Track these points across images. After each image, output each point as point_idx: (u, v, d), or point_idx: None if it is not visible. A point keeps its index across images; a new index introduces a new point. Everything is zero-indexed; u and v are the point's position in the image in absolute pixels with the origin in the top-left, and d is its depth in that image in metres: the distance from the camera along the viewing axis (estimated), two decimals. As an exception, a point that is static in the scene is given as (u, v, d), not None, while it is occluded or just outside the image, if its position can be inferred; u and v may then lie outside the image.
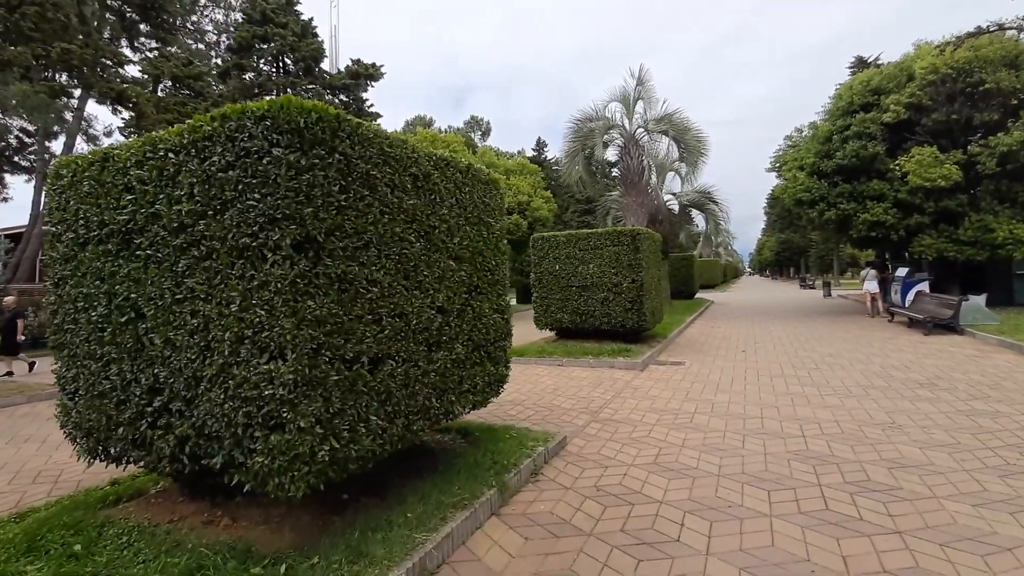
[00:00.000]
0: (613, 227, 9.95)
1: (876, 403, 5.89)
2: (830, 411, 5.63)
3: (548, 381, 7.75)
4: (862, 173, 14.21)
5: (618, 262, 9.75)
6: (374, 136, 2.97)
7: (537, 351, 9.60)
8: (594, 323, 10.01)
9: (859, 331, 12.26)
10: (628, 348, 9.39)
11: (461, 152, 20.60)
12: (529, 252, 10.75)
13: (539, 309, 10.61)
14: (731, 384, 7.12)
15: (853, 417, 5.38)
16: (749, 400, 6.23)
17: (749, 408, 5.87)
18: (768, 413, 5.65)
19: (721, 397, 6.41)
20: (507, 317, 4.64)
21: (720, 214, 19.11)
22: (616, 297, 9.76)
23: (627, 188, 15.61)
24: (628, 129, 15.72)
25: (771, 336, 12.06)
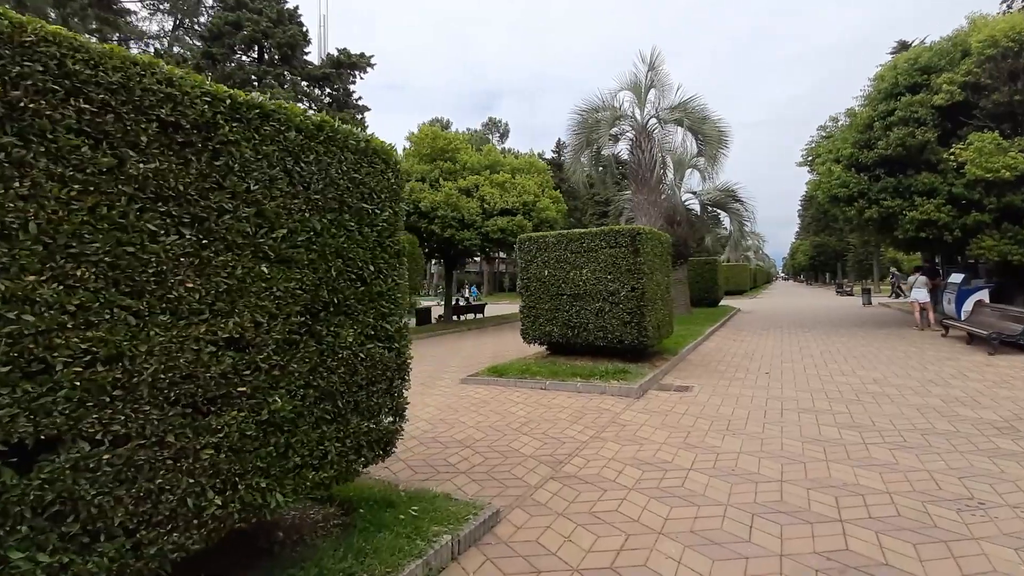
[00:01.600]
0: (610, 226, 8.49)
1: (943, 460, 4.32)
2: (878, 473, 4.09)
3: (520, 412, 6.38)
4: (909, 165, 12.36)
5: (615, 267, 8.31)
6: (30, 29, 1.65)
7: (520, 370, 8.23)
8: (587, 338, 8.58)
9: (907, 348, 10.46)
10: (626, 369, 7.93)
11: (464, 149, 19.42)
12: (515, 255, 9.40)
13: (527, 320, 9.23)
14: (746, 422, 5.60)
15: (913, 486, 3.84)
16: (767, 449, 4.72)
17: (766, 464, 4.37)
18: (791, 474, 4.15)
19: (730, 444, 4.92)
20: (401, 346, 3.31)
21: (745, 214, 17.39)
22: (612, 308, 8.31)
23: (638, 185, 14.10)
24: (639, 120, 14.23)
25: (802, 353, 10.37)
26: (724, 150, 13.82)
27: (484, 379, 8.14)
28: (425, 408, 6.70)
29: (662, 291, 9.12)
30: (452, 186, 17.62)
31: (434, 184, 18.11)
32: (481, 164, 19.12)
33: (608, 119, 13.56)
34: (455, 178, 18.40)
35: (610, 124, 13.59)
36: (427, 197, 17.21)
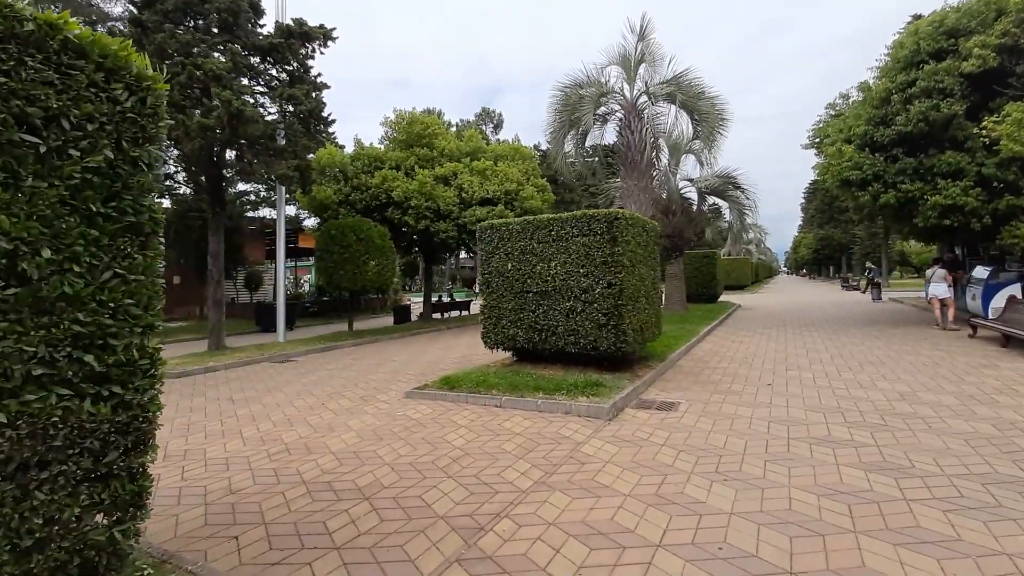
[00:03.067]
0: (583, 211, 7.14)
1: (1020, 526, 2.99)
2: (935, 560, 2.75)
3: (459, 440, 5.06)
4: (931, 143, 10.96)
5: (589, 259, 6.97)
6: None
7: (475, 382, 6.91)
8: (557, 343, 7.25)
9: (932, 352, 9.10)
10: (600, 381, 6.59)
11: (442, 135, 18.04)
12: (476, 245, 8.07)
13: (488, 322, 7.91)
14: (741, 460, 4.27)
15: (995, 587, 2.51)
16: (771, 509, 3.39)
17: (768, 539, 3.04)
18: (806, 559, 2.81)
19: (719, 498, 3.59)
20: (134, 391, 1.97)
21: (746, 203, 15.99)
22: (585, 308, 6.98)
23: (626, 169, 12.73)
24: (628, 97, 12.84)
25: (810, 357, 9.03)
26: (722, 130, 12.44)
27: (432, 393, 6.82)
28: (345, 434, 5.40)
29: (647, 287, 7.79)
30: (428, 174, 16.27)
31: (409, 172, 16.78)
32: (461, 151, 17.76)
33: (593, 96, 12.18)
34: (432, 165, 17.06)
35: (595, 101, 12.21)
36: (400, 186, 15.87)
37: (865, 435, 4.75)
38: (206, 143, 9.78)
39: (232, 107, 9.18)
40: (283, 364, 10.82)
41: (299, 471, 4.39)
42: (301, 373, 9.46)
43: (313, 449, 4.95)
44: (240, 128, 9.53)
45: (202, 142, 9.60)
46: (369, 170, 16.62)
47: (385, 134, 18.56)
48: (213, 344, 11.85)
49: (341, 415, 6.23)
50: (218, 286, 12.00)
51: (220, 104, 9.25)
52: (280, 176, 10.80)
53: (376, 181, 16.08)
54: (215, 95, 9.33)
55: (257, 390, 8.01)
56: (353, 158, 16.92)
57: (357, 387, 7.93)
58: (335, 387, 7.98)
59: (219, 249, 12.11)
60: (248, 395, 7.65)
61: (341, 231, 14.16)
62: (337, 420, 5.98)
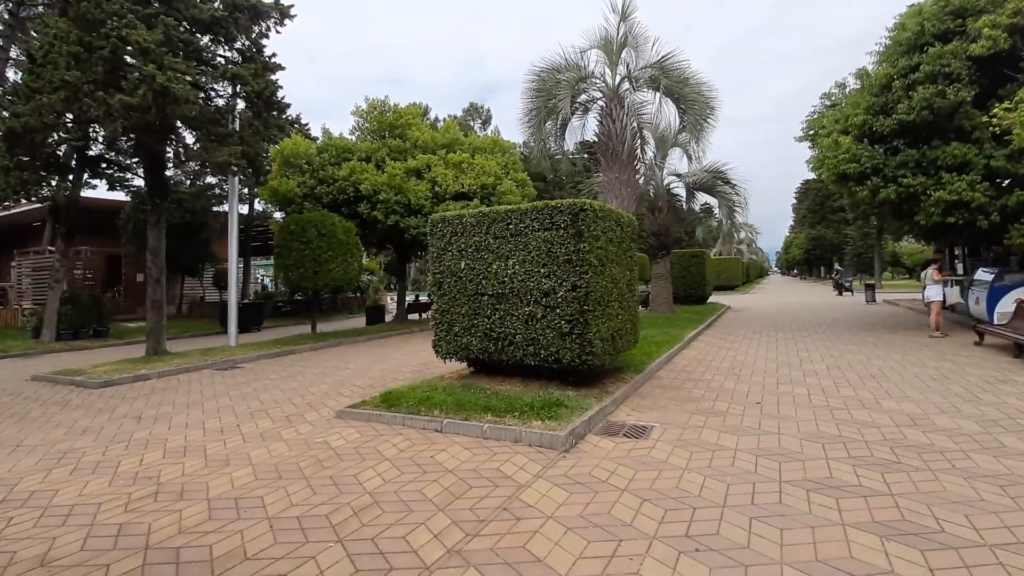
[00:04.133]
0: (545, 201, 6.18)
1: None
2: None
3: (374, 481, 4.08)
4: (935, 133, 10.10)
5: (550, 256, 6.00)
6: None
7: (419, 399, 5.91)
8: (514, 354, 6.28)
9: (938, 362, 8.23)
10: (561, 400, 5.63)
11: (416, 125, 16.99)
12: (429, 241, 7.08)
13: (439, 329, 6.92)
14: (720, 518, 3.31)
15: None
16: (755, 603, 2.44)
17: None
18: None
19: (686, 582, 2.63)
20: None
21: (736, 198, 15.09)
22: (546, 313, 6.01)
23: (607, 161, 11.78)
24: (610, 83, 11.88)
25: (803, 368, 8.13)
26: (710, 120, 11.52)
27: (367, 413, 5.83)
28: (239, 470, 4.39)
29: (621, 290, 6.83)
30: (399, 166, 15.24)
31: (380, 164, 15.74)
32: (437, 143, 16.73)
33: (571, 81, 11.21)
34: (405, 157, 16.03)
35: (573, 86, 11.23)
36: (369, 179, 14.83)
37: (874, 477, 3.82)
38: (131, 125, 8.70)
39: (156, 83, 8.12)
40: (226, 372, 9.78)
41: (150, 529, 3.39)
42: (238, 383, 8.45)
43: (188, 493, 3.95)
44: (168, 108, 8.47)
45: (125, 123, 8.53)
46: (337, 162, 15.57)
47: (356, 124, 17.50)
48: (151, 349, 10.77)
49: (251, 441, 5.23)
50: (157, 285, 10.93)
51: (143, 80, 8.19)
52: (220, 164, 9.75)
53: (344, 173, 15.03)
54: (139, 70, 8.27)
55: (175, 405, 6.98)
56: (320, 149, 15.86)
57: (290, 402, 6.93)
58: (265, 402, 6.97)
59: (159, 245, 11.04)
60: (161, 412, 6.63)
61: (301, 226, 13.12)
62: (242, 449, 4.98)
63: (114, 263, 23.02)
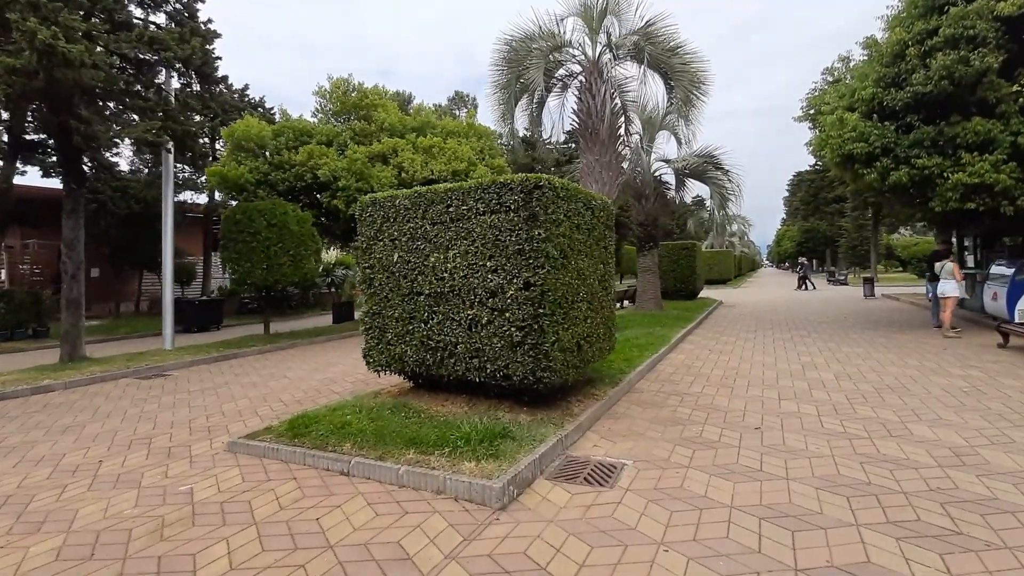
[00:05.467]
0: (492, 177, 4.93)
1: None
2: None
3: (219, 563, 2.85)
4: (955, 107, 8.94)
5: (498, 247, 4.77)
6: None
7: (332, 428, 4.67)
8: (455, 368, 5.05)
9: (964, 368, 7.10)
10: (508, 429, 4.41)
11: (382, 106, 15.62)
12: (359, 228, 5.81)
13: (370, 335, 5.68)
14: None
15: None
16: None
17: None
18: None
19: None
20: None
21: (728, 186, 13.90)
22: (494, 318, 4.78)
23: (586, 141, 10.53)
24: (590, 55, 10.61)
25: (808, 377, 6.96)
26: (700, 95, 10.29)
27: (264, 445, 4.58)
28: (41, 543, 3.16)
29: (591, 287, 5.61)
30: (362, 151, 13.91)
31: (343, 148, 14.39)
32: (406, 125, 15.40)
33: (544, 49, 9.93)
34: (370, 141, 14.69)
35: (546, 55, 9.95)
36: (327, 163, 13.49)
37: (932, 563, 2.63)
38: (18, 93, 7.34)
39: (39, 41, 6.76)
40: (146, 381, 8.50)
41: None
42: (149, 397, 7.18)
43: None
44: (58, 72, 7.11)
45: (8, 90, 7.16)
46: (295, 146, 14.20)
47: (319, 106, 16.13)
48: (66, 354, 9.45)
49: (98, 488, 3.98)
50: (73, 282, 9.58)
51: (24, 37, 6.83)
52: (138, 141, 8.39)
53: (301, 158, 13.67)
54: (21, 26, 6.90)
55: (50, 430, 5.71)
56: (276, 131, 14.47)
57: (189, 425, 5.68)
58: (160, 425, 5.72)
59: (76, 236, 9.67)
60: (29, 438, 5.36)
61: (248, 215, 11.78)
62: (75, 503, 3.73)
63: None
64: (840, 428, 4.78)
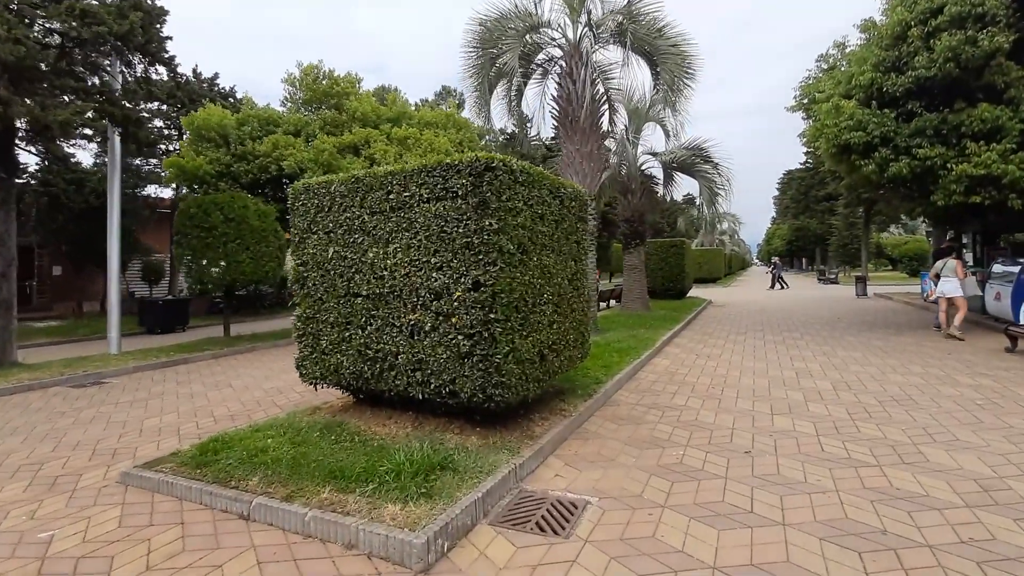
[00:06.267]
0: (440, 159, 4.17)
1: None
2: None
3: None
4: (960, 93, 8.34)
5: (444, 240, 4.03)
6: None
7: (246, 455, 3.92)
8: (396, 382, 4.32)
9: (973, 377, 6.47)
10: (451, 458, 3.68)
11: (354, 94, 14.82)
12: (291, 219, 5.05)
13: (304, 342, 4.92)
14: None
15: None
16: None
17: None
18: None
19: None
20: None
21: (717, 179, 13.25)
22: (439, 323, 4.05)
23: (566, 130, 9.82)
24: (571, 37, 9.89)
25: (804, 387, 6.30)
26: (688, 81, 9.62)
27: (159, 478, 3.81)
28: None
29: (559, 288, 4.89)
30: (332, 141, 13.11)
31: (312, 138, 13.58)
32: (380, 116, 14.61)
33: (520, 29, 9.19)
34: (341, 131, 13.89)
35: (522, 36, 9.21)
36: (294, 155, 12.67)
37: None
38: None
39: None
40: (77, 391, 7.68)
41: None
42: (71, 410, 6.39)
43: None
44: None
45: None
46: (260, 135, 13.38)
47: (289, 94, 15.29)
48: (-6, 360, 8.60)
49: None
50: (3, 280, 8.72)
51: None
52: (63, 124, 7.56)
53: (265, 148, 12.86)
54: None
55: (-69, 453, 4.90)
56: (241, 121, 13.63)
57: (96, 446, 4.91)
58: (61, 446, 4.94)
59: (7, 230, 8.81)
60: None
61: (203, 209, 10.93)
62: None
63: (25, 255, 20.46)
64: (843, 452, 4.10)
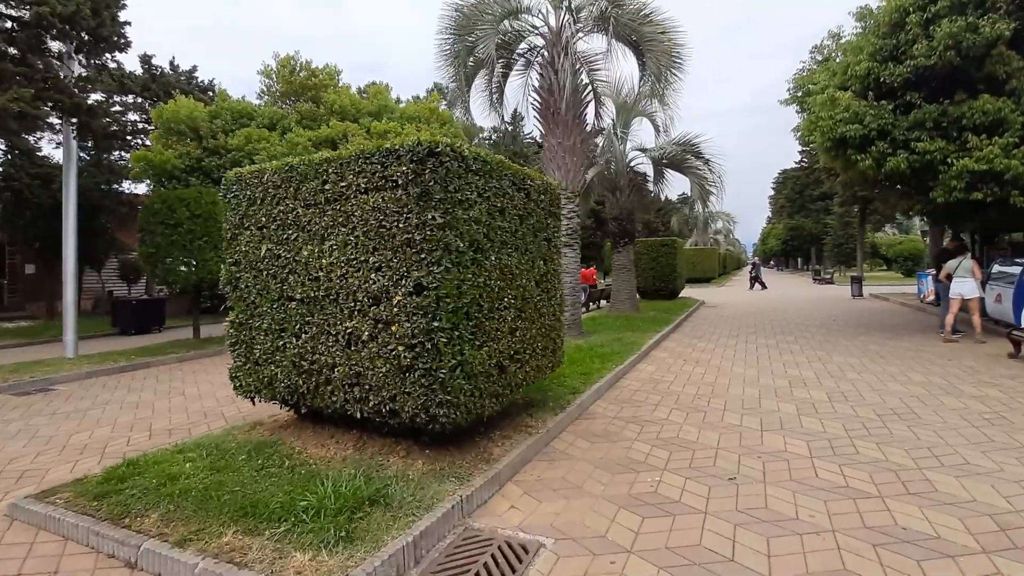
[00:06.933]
0: (379, 143, 3.65)
1: None
2: None
3: None
4: (961, 84, 7.90)
5: (382, 235, 3.51)
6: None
7: (148, 486, 3.40)
8: (333, 398, 3.79)
9: (978, 387, 6.01)
10: (385, 489, 3.17)
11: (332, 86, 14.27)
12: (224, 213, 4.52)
13: (237, 350, 4.39)
14: None
15: None
16: None
17: None
18: None
19: None
20: None
21: (709, 176, 12.77)
22: (377, 332, 3.53)
23: (547, 123, 9.32)
24: (553, 25, 9.38)
25: (797, 397, 5.81)
26: (676, 72, 9.13)
27: (49, 512, 3.27)
28: None
29: (523, 291, 4.38)
30: (307, 135, 12.56)
31: (287, 132, 13.03)
32: (360, 109, 14.07)
33: (497, 15, 8.67)
34: (318, 125, 13.34)
35: (499, 21, 8.69)
36: (266, 149, 12.11)
37: None
38: None
39: None
40: (18, 399, 7.13)
41: None
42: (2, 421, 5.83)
43: None
44: None
45: None
46: (232, 129, 12.81)
47: (265, 87, 14.72)
48: (-69, 366, 8.01)
49: None
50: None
51: None
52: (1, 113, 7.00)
53: (237, 142, 12.29)
54: None
55: None
56: (213, 113, 13.06)
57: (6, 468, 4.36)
58: (-39, 469, 4.39)
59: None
60: None
61: (168, 205, 10.36)
62: None
63: (-4, 252, 19.80)
64: (840, 479, 3.61)
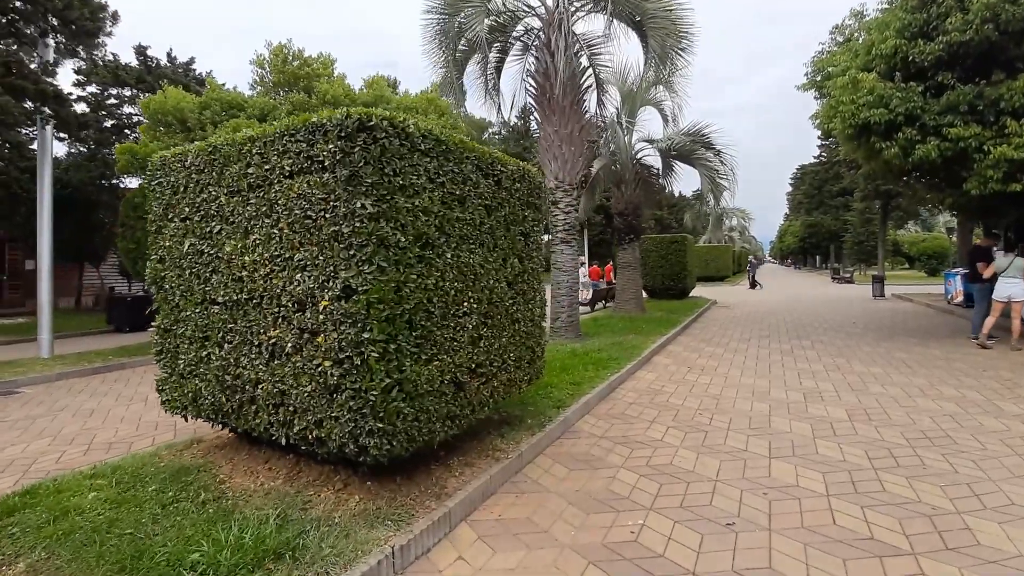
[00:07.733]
0: (305, 116, 3.06)
1: None
2: None
3: None
4: (998, 63, 7.09)
5: (308, 229, 2.93)
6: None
7: (32, 525, 2.87)
8: (257, 420, 3.23)
9: (1018, 404, 5.27)
10: (300, 538, 2.59)
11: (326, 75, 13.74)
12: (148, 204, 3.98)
13: (163, 360, 3.86)
14: None
15: None
16: None
17: None
18: None
19: None
20: None
21: (720, 168, 12.01)
22: (303, 344, 2.95)
23: (543, 109, 8.68)
24: (549, 5, 8.73)
25: (813, 415, 5.13)
26: (682, 52, 8.42)
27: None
28: None
29: (490, 294, 3.77)
30: (298, 125, 12.03)
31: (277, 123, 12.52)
32: (354, 99, 13.53)
33: (488, -7, 8.05)
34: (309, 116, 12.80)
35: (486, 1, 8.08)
36: (255, 139, 11.61)
37: None
38: None
39: None
40: (-26, 403, 6.72)
41: None
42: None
43: None
44: None
45: None
46: (221, 120, 12.36)
47: (257, 77, 14.26)
48: None
49: None
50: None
51: None
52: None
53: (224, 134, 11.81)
54: None
55: None
56: (202, 105, 12.61)
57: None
58: None
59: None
60: None
61: (148, 198, 9.93)
62: None
63: (-7, 247, 19.71)
64: (863, 526, 2.96)
